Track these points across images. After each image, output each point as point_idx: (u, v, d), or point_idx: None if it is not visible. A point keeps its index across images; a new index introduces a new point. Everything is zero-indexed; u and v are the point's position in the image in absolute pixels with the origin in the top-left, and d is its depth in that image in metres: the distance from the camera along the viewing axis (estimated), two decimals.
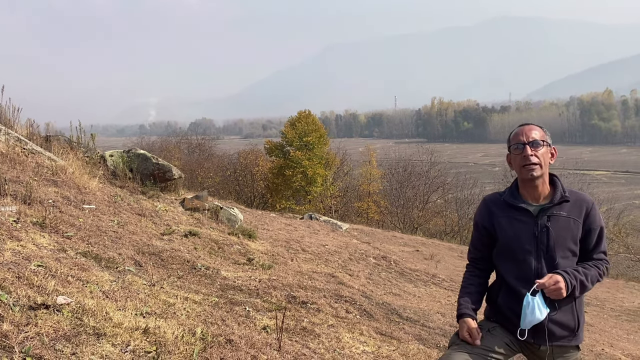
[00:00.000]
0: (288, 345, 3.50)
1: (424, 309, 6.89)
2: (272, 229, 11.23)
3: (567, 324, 2.44)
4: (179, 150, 37.91)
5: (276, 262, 7.12)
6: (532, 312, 2.34)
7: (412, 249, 16.40)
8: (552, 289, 2.32)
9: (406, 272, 10.86)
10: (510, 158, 2.53)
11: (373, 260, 11.10)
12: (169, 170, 9.89)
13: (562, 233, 2.43)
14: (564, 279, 2.34)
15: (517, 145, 2.45)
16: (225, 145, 63.84)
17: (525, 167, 2.42)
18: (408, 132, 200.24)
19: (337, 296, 5.62)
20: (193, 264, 5.42)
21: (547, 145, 2.46)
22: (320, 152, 30.79)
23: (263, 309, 4.31)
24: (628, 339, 8.45)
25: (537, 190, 2.47)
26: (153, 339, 2.75)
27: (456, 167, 61.89)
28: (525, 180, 2.46)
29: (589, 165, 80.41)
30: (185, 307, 3.67)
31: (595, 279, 2.45)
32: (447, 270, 12.99)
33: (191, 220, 8.32)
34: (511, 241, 2.48)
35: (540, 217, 2.45)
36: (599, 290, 15.41)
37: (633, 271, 35.96)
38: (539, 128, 2.49)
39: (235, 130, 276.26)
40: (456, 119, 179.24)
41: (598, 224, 2.49)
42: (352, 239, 14.26)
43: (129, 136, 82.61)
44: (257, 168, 31.05)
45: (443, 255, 16.24)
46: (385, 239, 17.73)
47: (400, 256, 13.09)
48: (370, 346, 4.08)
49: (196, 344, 2.87)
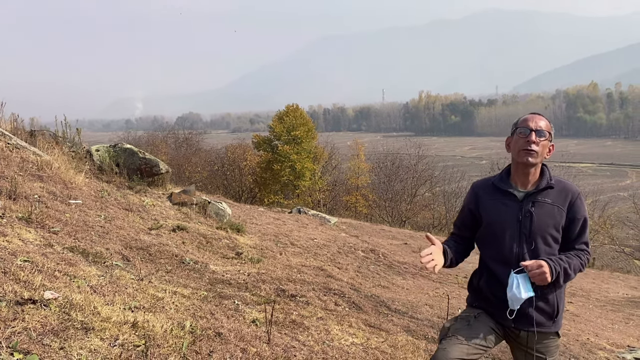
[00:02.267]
0: (277, 337, 3.51)
1: (412, 301, 6.94)
2: (261, 223, 11.22)
3: (545, 310, 2.49)
4: (166, 144, 37.62)
5: (265, 256, 7.13)
6: (511, 287, 2.39)
7: (400, 242, 16.47)
8: (537, 272, 2.36)
9: (394, 265, 10.91)
10: (510, 141, 2.57)
11: (362, 253, 11.14)
12: (156, 165, 9.83)
13: (545, 219, 2.47)
14: (548, 265, 2.38)
15: (524, 129, 2.49)
16: (213, 140, 63.49)
17: (525, 150, 2.47)
18: (396, 125, 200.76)
19: (326, 289, 5.64)
20: (181, 258, 5.41)
21: (550, 139, 2.52)
22: (309, 146, 30.77)
23: (252, 303, 4.32)
24: (613, 329, 8.58)
25: (528, 177, 2.52)
26: (142, 332, 2.74)
27: (444, 161, 62.19)
28: (520, 164, 2.51)
29: (574, 157, 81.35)
30: (174, 301, 3.66)
31: (578, 269, 2.49)
32: None
33: (179, 214, 8.29)
34: (495, 224, 2.53)
35: (526, 202, 2.50)
36: (585, 281, 15.61)
37: (617, 262, 36.47)
38: (547, 121, 2.54)
39: (223, 124, 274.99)
40: (444, 113, 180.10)
41: (582, 214, 2.52)
42: (341, 233, 14.30)
43: (115, 131, 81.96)
44: (245, 162, 30.95)
45: None
46: (374, 232, 17.78)
47: (388, 249, 13.15)
48: (359, 338, 4.11)
49: (185, 337, 2.87)
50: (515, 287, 2.38)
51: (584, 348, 6.02)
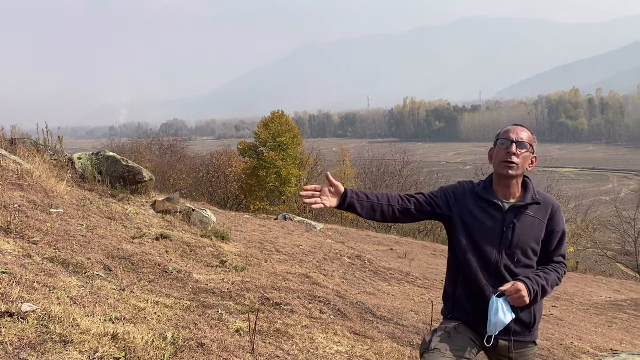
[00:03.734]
0: (261, 347, 3.48)
1: (398, 307, 6.94)
2: (246, 230, 11.16)
3: (523, 320, 2.49)
4: (150, 152, 37.27)
5: (250, 264, 7.08)
6: (496, 313, 2.38)
7: (386, 247, 16.53)
8: (515, 297, 2.37)
9: (380, 271, 10.92)
10: (492, 152, 2.57)
11: (347, 259, 11.13)
12: (140, 173, 9.73)
13: (527, 231, 2.49)
14: (526, 286, 2.39)
15: (505, 141, 2.49)
16: (198, 147, 63.23)
17: (505, 163, 2.47)
18: (381, 131, 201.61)
19: (311, 297, 5.61)
20: (164, 267, 5.35)
21: (531, 151, 2.52)
22: (294, 152, 30.72)
23: (236, 312, 4.28)
24: (596, 332, 8.66)
25: (510, 189, 2.52)
26: (122, 344, 2.69)
27: (429, 166, 62.59)
28: (501, 176, 2.51)
29: (557, 162, 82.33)
30: (156, 311, 3.61)
31: (555, 283, 2.50)
32: (421, 268, 13.12)
33: (163, 223, 8.21)
34: (477, 231, 2.51)
35: (510, 214, 2.50)
36: (569, 285, 15.77)
37: (600, 265, 36.97)
38: (529, 133, 2.54)
39: (208, 131, 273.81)
40: (428, 119, 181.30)
41: (561, 228, 2.56)
42: (327, 239, 14.28)
43: (99, 138, 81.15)
44: (231, 169, 30.81)
45: (417, 253, 16.40)
46: (360, 238, 17.81)
47: (374, 255, 13.16)
48: (344, 346, 4.09)
49: (167, 348, 2.83)
50: (501, 312, 2.37)
51: (567, 352, 6.06)
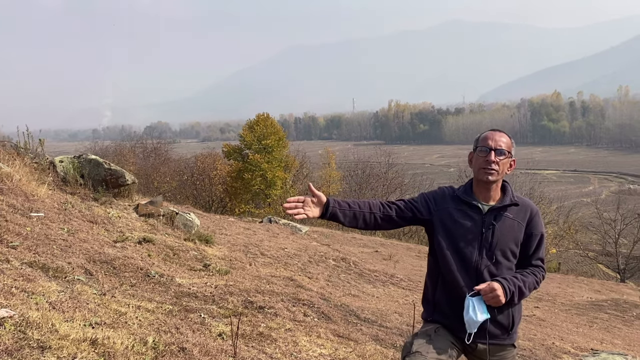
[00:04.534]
0: (244, 351, 3.46)
1: (382, 309, 6.96)
2: (230, 233, 11.11)
3: (501, 323, 2.52)
4: (133, 154, 36.97)
5: (234, 267, 7.05)
6: (467, 312, 2.42)
7: (371, 249, 16.55)
8: (490, 296, 2.40)
9: (365, 273, 10.94)
10: (472, 157, 2.61)
11: (332, 262, 11.14)
12: (122, 176, 9.63)
13: (506, 233, 2.52)
14: (502, 286, 2.42)
15: (484, 148, 2.53)
16: (182, 149, 62.83)
17: (484, 169, 2.51)
18: (366, 134, 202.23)
19: (295, 300, 5.60)
20: (147, 271, 5.30)
21: (510, 156, 2.56)
22: (280, 154, 30.72)
23: (219, 316, 4.25)
24: (577, 332, 8.77)
25: (489, 192, 2.57)
26: (102, 350, 2.66)
27: (413, 169, 62.91)
28: (480, 182, 2.56)
29: (539, 164, 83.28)
30: (137, 316, 3.58)
31: (533, 286, 2.54)
32: (405, 270, 13.17)
33: (145, 226, 8.14)
34: (457, 234, 2.54)
35: (489, 216, 2.54)
36: (551, 285, 15.94)
37: (582, 266, 37.48)
38: (508, 138, 2.58)
39: (193, 133, 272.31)
40: (412, 121, 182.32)
41: (539, 231, 2.59)
42: (312, 242, 14.27)
43: (82, 141, 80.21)
44: (215, 172, 30.68)
45: (401, 255, 16.46)
46: (345, 240, 17.82)
47: (359, 257, 13.19)
48: (328, 349, 4.08)
49: (147, 353, 2.80)
50: (472, 311, 2.41)
51: (549, 352, 6.12)
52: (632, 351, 7.35)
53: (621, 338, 8.95)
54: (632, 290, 19.08)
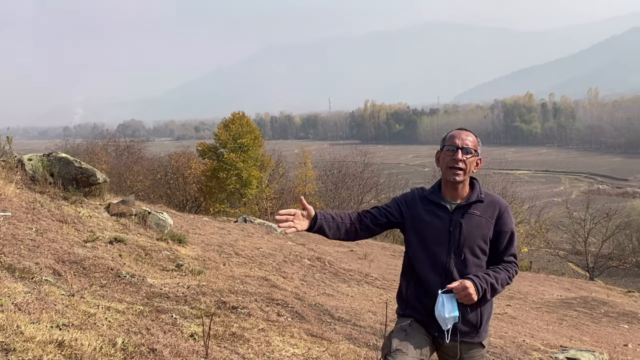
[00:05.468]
0: (216, 351, 3.43)
1: (356, 308, 6.98)
2: (204, 233, 11.01)
3: (470, 320, 2.55)
4: (106, 153, 36.33)
5: (207, 267, 6.99)
6: (437, 307, 2.45)
7: (346, 249, 16.57)
8: (462, 294, 2.43)
9: (340, 273, 10.96)
10: (439, 156, 2.65)
11: (308, 261, 11.13)
12: (93, 174, 9.46)
13: (474, 230, 2.55)
14: (474, 283, 2.44)
15: (451, 147, 2.56)
16: (156, 148, 62.07)
17: (452, 169, 2.54)
18: (342, 133, 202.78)
19: (269, 299, 5.58)
20: (117, 271, 5.22)
21: (476, 155, 2.59)
22: (255, 154, 30.54)
23: (191, 316, 4.21)
24: (547, 330, 8.94)
25: (457, 191, 2.60)
26: (68, 352, 2.60)
27: (389, 168, 63.32)
28: (448, 181, 2.59)
29: (512, 165, 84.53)
30: (107, 317, 3.52)
31: (505, 282, 2.56)
32: (380, 269, 13.24)
33: (117, 226, 8.01)
34: (427, 233, 2.58)
35: (456, 214, 2.57)
36: (522, 284, 16.22)
37: (553, 265, 38.27)
38: (474, 136, 2.62)
39: (167, 132, 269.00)
40: (388, 121, 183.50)
41: (509, 227, 2.61)
42: (287, 241, 14.23)
43: (53, 139, 78.47)
44: (190, 171, 30.34)
45: (376, 254, 16.55)
46: (321, 240, 17.78)
47: (335, 257, 13.20)
48: (301, 348, 4.08)
49: (116, 355, 2.75)
50: (440, 306, 2.44)
51: (519, 350, 6.23)
52: (599, 348, 7.53)
53: (589, 335, 9.16)
54: (601, 288, 19.56)
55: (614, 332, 9.80)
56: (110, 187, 14.33)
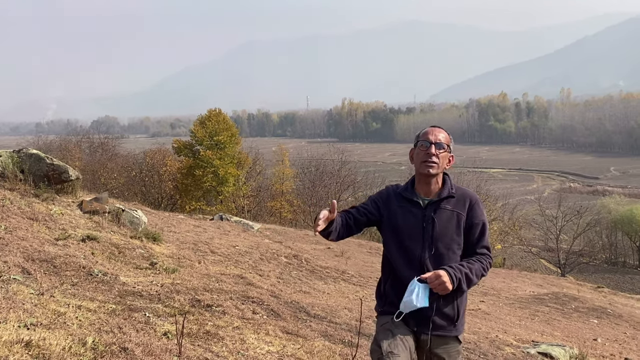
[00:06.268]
0: (190, 350, 3.40)
1: (332, 305, 6.99)
2: (180, 231, 10.90)
3: (447, 314, 2.58)
4: (79, 150, 35.74)
5: (182, 265, 6.92)
6: (409, 294, 2.45)
7: (323, 246, 16.59)
8: (436, 283, 2.44)
9: (317, 270, 10.97)
10: (413, 153, 2.70)
11: (284, 259, 11.11)
12: (65, 171, 9.28)
13: (447, 225, 2.60)
14: (448, 273, 2.46)
15: (424, 142, 2.62)
16: (131, 145, 61.25)
17: (426, 162, 2.60)
18: (320, 131, 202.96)
19: (244, 297, 5.55)
20: (89, 270, 5.12)
21: (449, 150, 2.65)
22: (232, 151, 30.34)
23: (165, 315, 4.16)
24: (520, 325, 9.09)
25: (430, 187, 2.65)
26: (36, 352, 2.55)
27: (366, 166, 63.64)
28: (422, 175, 2.64)
29: (486, 163, 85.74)
30: (77, 316, 3.45)
31: (480, 273, 2.59)
32: (357, 266, 13.29)
33: (90, 223, 7.88)
34: (402, 230, 2.63)
35: (428, 209, 2.62)
36: (496, 280, 16.48)
37: (526, 261, 38.95)
38: (446, 133, 2.69)
39: (142, 129, 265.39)
40: (365, 120, 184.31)
41: (480, 219, 2.66)
42: (264, 239, 14.19)
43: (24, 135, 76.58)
44: (165, 168, 30.00)
45: (353, 251, 16.59)
46: (298, 237, 17.80)
47: (312, 254, 13.21)
48: (276, 346, 4.06)
49: (86, 354, 2.70)
50: (414, 295, 2.44)
51: (492, 345, 6.32)
52: (570, 342, 7.69)
53: (560, 330, 9.35)
54: (571, 284, 19.99)
55: (584, 327, 10.02)
56: (84, 184, 14.08)
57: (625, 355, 7.45)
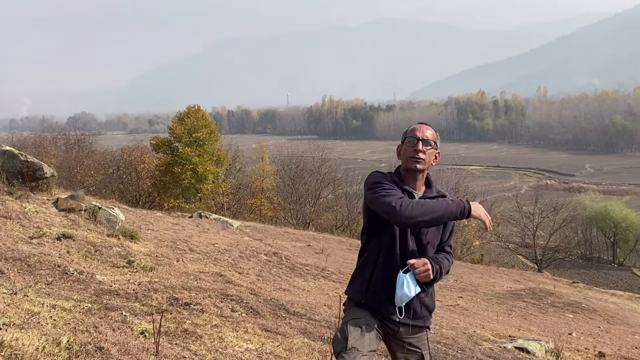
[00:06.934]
0: (167, 348, 3.36)
1: (312, 302, 6.99)
2: (158, 229, 10.79)
3: (428, 305, 2.69)
4: (55, 147, 35.07)
5: (160, 264, 6.85)
6: (402, 287, 2.52)
7: (303, 244, 16.60)
8: (422, 269, 2.53)
9: (297, 267, 10.97)
10: (401, 148, 2.75)
11: (264, 257, 11.08)
12: (40, 169, 9.12)
13: None
14: (431, 263, 2.56)
15: (412, 139, 2.68)
16: (108, 141, 60.38)
17: (413, 158, 2.66)
18: (300, 129, 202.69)
19: (223, 295, 5.51)
20: (65, 268, 5.04)
21: (435, 147, 2.72)
22: (211, 148, 30.11)
23: (142, 313, 4.11)
24: (497, 320, 9.21)
25: (416, 182, 2.71)
26: (8, 352, 2.49)
27: (346, 164, 63.77)
28: (409, 170, 2.69)
29: (464, 160, 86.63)
30: (52, 315, 3.39)
31: (447, 270, 2.70)
32: (337, 263, 13.32)
33: (65, 221, 7.74)
34: None
35: None
36: (474, 276, 16.67)
37: (503, 257, 39.49)
38: (433, 130, 2.75)
39: (119, 125, 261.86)
40: (346, 117, 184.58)
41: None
42: (244, 237, 14.13)
43: None
44: (143, 165, 29.64)
45: (333, 248, 16.63)
46: (278, 235, 17.78)
47: (292, 252, 13.20)
48: (254, 343, 4.05)
49: (60, 354, 2.65)
50: (406, 287, 2.52)
51: (470, 340, 6.39)
52: (545, 337, 7.82)
53: (536, 324, 9.50)
54: (548, 280, 20.34)
55: (560, 322, 10.20)
56: (60, 181, 13.85)
57: (599, 348, 7.60)
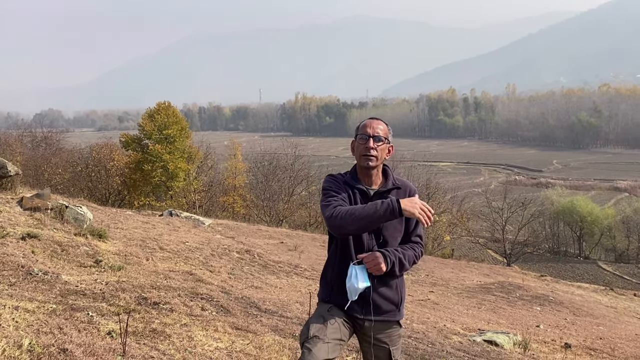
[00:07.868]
0: (135, 349, 3.31)
1: (284, 299, 6.98)
2: (127, 227, 10.61)
3: (391, 299, 2.68)
4: (21, 144, 34.09)
5: (128, 263, 6.73)
6: (350, 279, 2.54)
7: (277, 241, 16.55)
8: (372, 263, 2.54)
9: (269, 265, 10.93)
10: (354, 145, 2.77)
11: (236, 254, 11.01)
12: (3, 167, 8.87)
13: None
14: (383, 256, 2.56)
15: (363, 135, 2.69)
16: (76, 139, 59.10)
17: (365, 156, 2.66)
18: (273, 125, 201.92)
19: (193, 294, 5.46)
20: (29, 269, 4.91)
21: (387, 142, 2.72)
22: (182, 145, 29.76)
23: (109, 313, 4.03)
24: (467, 314, 9.36)
25: (371, 178, 2.72)
26: None
27: (319, 160, 63.87)
28: (362, 167, 2.71)
29: (435, 157, 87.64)
30: (14, 317, 3.30)
31: (412, 260, 2.71)
32: (310, 260, 13.33)
33: (31, 221, 7.55)
34: None
35: (374, 199, 2.66)
36: (445, 270, 16.91)
37: (473, 252, 40.16)
38: (384, 125, 2.75)
39: (88, 122, 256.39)
40: (319, 114, 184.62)
41: None
42: (216, 235, 14.02)
43: None
44: (112, 163, 29.09)
45: (306, 245, 16.62)
46: (251, 232, 17.68)
47: (264, 249, 13.14)
48: (224, 342, 4.01)
49: (22, 357, 2.58)
50: (354, 278, 2.54)
51: (440, 334, 6.47)
52: (514, 329, 7.98)
53: (505, 318, 9.69)
54: (516, 273, 20.75)
55: (528, 314, 10.42)
56: (26, 180, 13.50)
57: (565, 340, 7.79)
